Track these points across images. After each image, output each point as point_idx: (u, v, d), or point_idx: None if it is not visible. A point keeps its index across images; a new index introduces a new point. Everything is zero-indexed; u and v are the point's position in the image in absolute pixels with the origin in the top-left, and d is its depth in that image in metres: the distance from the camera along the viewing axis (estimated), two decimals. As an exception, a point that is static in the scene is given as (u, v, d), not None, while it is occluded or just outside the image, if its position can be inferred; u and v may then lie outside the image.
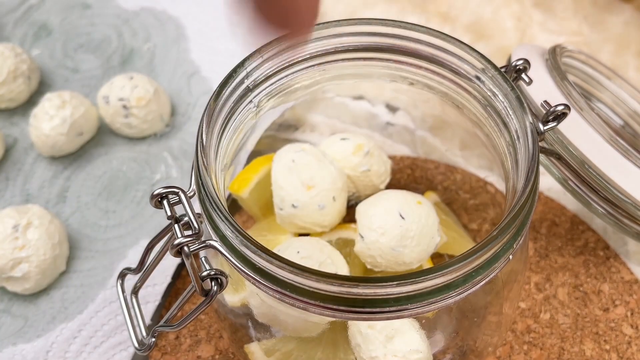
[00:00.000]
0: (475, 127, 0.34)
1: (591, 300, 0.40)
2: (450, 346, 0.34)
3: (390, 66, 0.34)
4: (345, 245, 0.37)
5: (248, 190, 0.39)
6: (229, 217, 0.27)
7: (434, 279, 0.26)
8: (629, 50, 0.52)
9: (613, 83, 0.44)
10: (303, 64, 0.34)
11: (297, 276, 0.26)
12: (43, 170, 0.45)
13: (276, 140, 0.42)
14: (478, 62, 0.32)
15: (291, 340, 0.34)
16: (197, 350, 0.38)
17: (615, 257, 0.41)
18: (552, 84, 0.36)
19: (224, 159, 0.32)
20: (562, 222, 0.43)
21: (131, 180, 0.45)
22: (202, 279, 0.27)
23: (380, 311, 0.26)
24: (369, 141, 0.40)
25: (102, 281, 0.40)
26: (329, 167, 0.36)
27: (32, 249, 0.39)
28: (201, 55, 0.51)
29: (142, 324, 0.31)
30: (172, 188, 0.29)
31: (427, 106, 0.39)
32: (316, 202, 0.36)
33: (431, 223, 0.34)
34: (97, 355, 0.37)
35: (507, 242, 0.27)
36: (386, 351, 0.31)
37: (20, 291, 0.39)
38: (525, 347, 0.38)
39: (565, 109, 0.31)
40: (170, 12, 0.53)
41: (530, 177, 0.28)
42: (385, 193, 0.35)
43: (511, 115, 0.31)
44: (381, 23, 0.33)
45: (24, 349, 0.38)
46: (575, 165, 0.35)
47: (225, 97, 0.31)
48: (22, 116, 0.48)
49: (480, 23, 0.53)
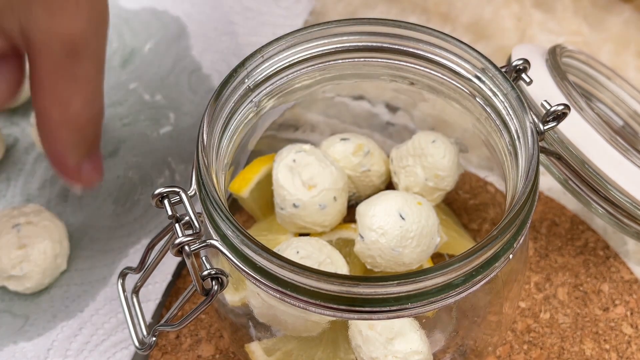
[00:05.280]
0: (475, 127, 0.34)
1: (591, 299, 0.40)
2: (450, 346, 0.34)
3: (390, 66, 0.34)
4: (345, 245, 0.37)
5: (248, 190, 0.39)
6: (229, 217, 0.27)
7: (434, 278, 0.26)
8: (629, 50, 0.52)
9: (613, 83, 0.44)
10: (303, 64, 0.34)
11: (298, 275, 0.26)
12: (44, 169, 0.45)
13: (276, 140, 0.42)
14: (478, 62, 0.32)
15: (291, 339, 0.34)
16: (197, 350, 0.38)
17: (615, 257, 0.41)
18: (552, 84, 0.36)
19: (225, 158, 0.32)
20: (562, 222, 0.43)
21: (133, 180, 0.45)
22: (203, 278, 0.27)
23: (380, 310, 0.26)
24: (369, 141, 0.40)
25: (103, 279, 0.40)
26: (330, 167, 0.36)
27: (33, 248, 0.39)
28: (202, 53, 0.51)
29: (143, 323, 0.32)
30: (172, 187, 0.29)
31: (427, 106, 0.39)
32: (317, 202, 0.36)
33: (431, 224, 0.34)
34: (98, 354, 0.38)
35: (507, 242, 0.28)
36: (386, 352, 0.31)
37: (21, 290, 0.39)
38: (525, 347, 0.38)
39: (565, 109, 0.31)
40: (171, 13, 0.53)
41: (530, 177, 0.28)
42: (385, 193, 0.35)
43: (511, 115, 0.31)
44: (381, 23, 0.33)
45: (24, 347, 0.38)
46: (575, 165, 0.35)
47: (226, 97, 0.31)
48: (22, 116, 0.48)
49: (480, 23, 0.53)
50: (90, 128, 0.36)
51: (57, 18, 0.32)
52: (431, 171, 0.37)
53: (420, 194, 0.37)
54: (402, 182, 0.38)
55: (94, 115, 0.36)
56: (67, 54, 0.33)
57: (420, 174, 0.37)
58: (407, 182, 0.38)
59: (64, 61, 0.33)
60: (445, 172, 0.37)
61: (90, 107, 0.35)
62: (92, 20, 0.33)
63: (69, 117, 0.35)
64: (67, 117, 0.34)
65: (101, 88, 0.36)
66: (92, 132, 0.36)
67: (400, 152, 0.38)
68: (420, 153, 0.37)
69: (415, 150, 0.37)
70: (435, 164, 0.37)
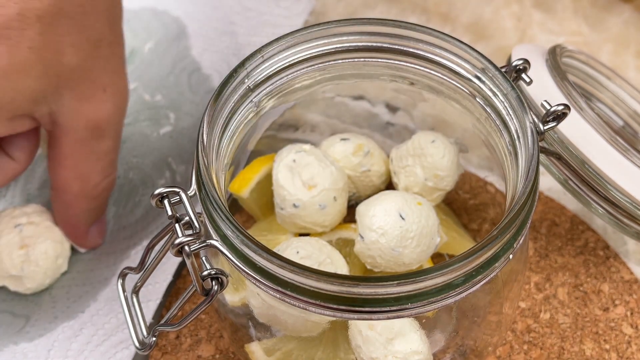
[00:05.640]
0: (475, 127, 0.34)
1: (591, 300, 0.40)
2: (450, 346, 0.34)
3: (390, 66, 0.34)
4: (345, 245, 0.37)
5: (248, 190, 0.39)
6: (229, 217, 0.27)
7: (434, 278, 0.26)
8: (629, 50, 0.52)
9: (613, 83, 0.44)
10: (303, 64, 0.34)
11: (298, 275, 0.26)
12: (44, 170, 0.45)
13: (276, 140, 0.42)
14: (478, 62, 0.32)
15: (291, 339, 0.34)
16: (197, 350, 0.38)
17: (615, 257, 0.41)
18: (552, 84, 0.36)
19: (225, 158, 0.32)
20: (562, 222, 0.43)
21: (134, 181, 0.45)
22: (203, 278, 0.27)
23: (380, 310, 0.26)
24: (369, 141, 0.40)
25: (105, 280, 0.40)
26: (330, 167, 0.36)
27: (35, 249, 0.39)
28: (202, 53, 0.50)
29: (143, 324, 0.32)
30: (172, 188, 0.29)
31: (427, 106, 0.39)
32: (317, 202, 0.36)
33: (431, 224, 0.34)
34: (99, 354, 0.38)
35: (507, 242, 0.28)
36: (386, 352, 0.31)
37: (22, 290, 0.39)
38: (525, 347, 0.38)
39: (565, 109, 0.31)
40: (171, 13, 0.53)
41: (530, 177, 0.28)
42: (385, 193, 0.35)
43: (511, 115, 0.31)
44: (381, 23, 0.33)
45: (25, 347, 0.38)
46: (575, 165, 0.35)
47: (226, 97, 0.31)
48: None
49: (480, 23, 0.53)
50: (104, 196, 0.39)
51: (85, 105, 0.35)
52: (431, 171, 0.37)
53: (420, 194, 0.37)
54: (401, 182, 0.38)
55: (108, 184, 0.38)
56: (91, 134, 0.36)
57: (420, 174, 0.37)
58: (407, 182, 0.38)
59: (88, 140, 0.36)
60: (444, 172, 0.37)
61: (106, 178, 0.38)
62: (116, 105, 0.36)
63: (87, 189, 0.37)
64: (85, 189, 0.37)
65: (116, 159, 0.38)
66: (105, 199, 0.39)
67: (400, 152, 0.38)
68: (420, 153, 0.37)
69: (415, 150, 0.37)
70: (435, 163, 0.37)
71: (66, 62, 0.34)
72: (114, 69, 0.36)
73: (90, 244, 0.41)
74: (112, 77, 0.36)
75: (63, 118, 0.35)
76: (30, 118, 0.35)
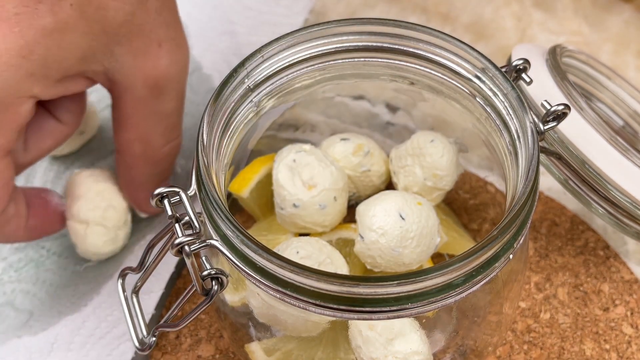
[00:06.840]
0: (475, 127, 0.34)
1: (591, 300, 0.40)
2: (450, 346, 0.34)
3: (390, 66, 0.34)
4: (345, 245, 0.37)
5: (248, 190, 0.39)
6: (229, 217, 0.27)
7: (434, 278, 0.26)
8: (629, 50, 0.52)
9: (613, 83, 0.44)
10: (303, 63, 0.34)
11: (298, 275, 0.26)
12: (44, 170, 0.45)
13: (276, 140, 0.42)
14: (478, 61, 0.32)
15: (291, 339, 0.34)
16: (197, 350, 0.38)
17: (615, 257, 0.41)
18: (552, 84, 0.36)
19: (225, 158, 0.32)
20: (562, 222, 0.43)
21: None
22: (203, 278, 0.27)
23: (380, 310, 0.26)
24: (369, 141, 0.40)
25: (110, 276, 0.40)
26: (330, 167, 0.36)
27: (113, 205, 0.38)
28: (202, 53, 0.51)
29: (143, 323, 0.32)
30: (172, 187, 0.29)
31: (427, 106, 0.39)
32: (317, 201, 0.36)
33: (431, 224, 0.34)
34: (101, 347, 0.38)
35: (507, 242, 0.28)
36: (386, 352, 0.31)
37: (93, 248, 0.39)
38: (525, 347, 0.38)
39: (565, 109, 0.31)
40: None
41: (531, 177, 0.28)
42: (385, 193, 0.35)
43: (511, 115, 0.31)
44: (381, 23, 0.33)
45: (29, 341, 0.38)
46: (575, 165, 0.35)
47: (226, 97, 0.31)
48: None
49: (480, 23, 0.53)
50: (166, 162, 0.38)
51: (140, 61, 0.34)
52: (430, 171, 0.37)
53: (420, 193, 0.37)
54: (401, 182, 0.38)
55: (172, 149, 0.38)
56: (151, 92, 0.35)
57: (419, 174, 0.37)
58: (406, 181, 0.38)
59: (148, 99, 0.35)
60: (443, 172, 0.37)
61: (169, 142, 0.37)
62: (173, 60, 0.35)
63: (149, 151, 0.37)
64: (148, 151, 0.37)
65: (180, 123, 0.37)
66: (169, 165, 0.39)
67: (400, 152, 0.38)
68: (419, 153, 0.37)
69: (414, 149, 0.37)
70: (434, 163, 0.37)
71: (111, 18, 0.32)
72: (167, 22, 0.35)
73: (152, 209, 0.39)
74: (166, 31, 0.34)
75: (119, 75, 0.34)
76: (84, 78, 0.34)
